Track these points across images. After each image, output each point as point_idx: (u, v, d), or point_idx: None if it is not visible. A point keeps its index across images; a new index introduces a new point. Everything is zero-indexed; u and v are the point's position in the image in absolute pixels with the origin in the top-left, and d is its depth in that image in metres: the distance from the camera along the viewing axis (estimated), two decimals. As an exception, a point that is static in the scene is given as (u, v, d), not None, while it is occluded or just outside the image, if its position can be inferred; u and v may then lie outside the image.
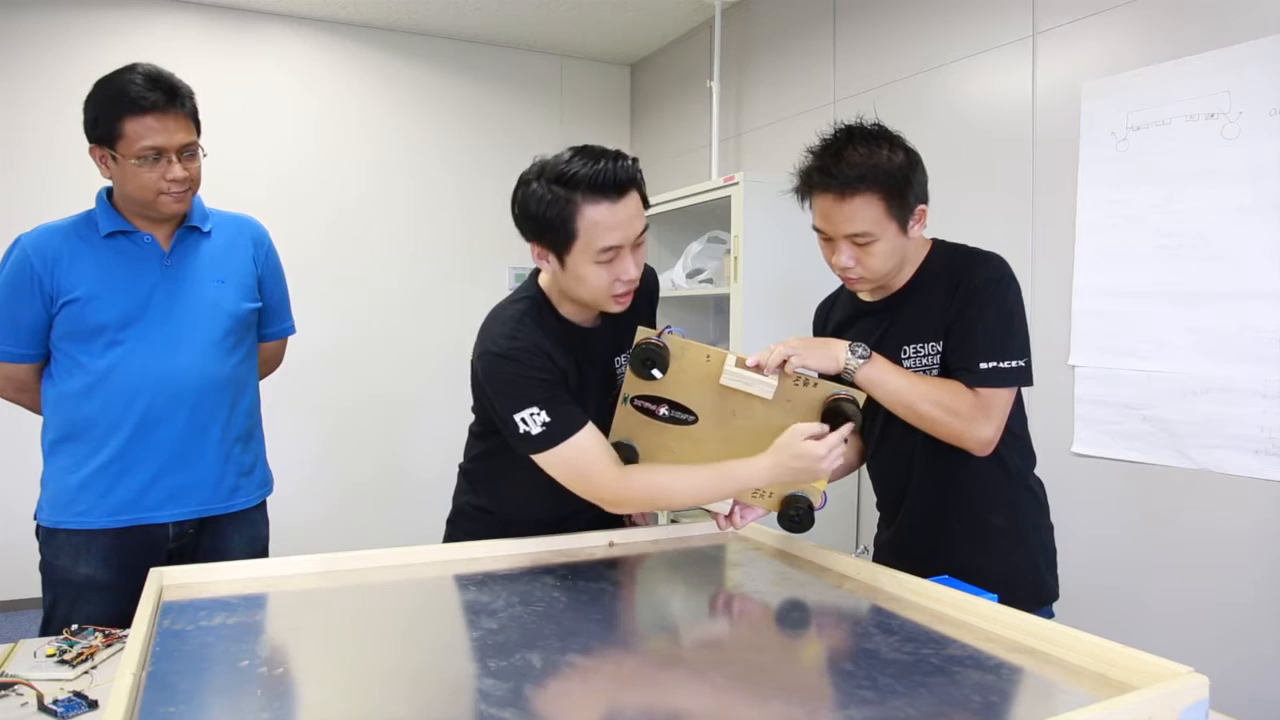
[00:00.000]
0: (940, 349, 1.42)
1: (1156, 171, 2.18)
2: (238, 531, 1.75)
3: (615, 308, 1.42)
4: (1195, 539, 2.12)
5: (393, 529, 4.26)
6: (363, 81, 4.30)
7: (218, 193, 2.09)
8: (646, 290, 1.60)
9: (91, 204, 1.66)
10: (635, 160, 1.36)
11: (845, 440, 1.34)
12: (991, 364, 1.36)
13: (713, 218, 3.39)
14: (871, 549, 1.66)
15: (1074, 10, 2.42)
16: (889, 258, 1.41)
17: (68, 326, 1.58)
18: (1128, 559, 2.26)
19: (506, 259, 4.58)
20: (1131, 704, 0.82)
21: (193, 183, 1.61)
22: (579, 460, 1.34)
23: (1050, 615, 1.45)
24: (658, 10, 4.10)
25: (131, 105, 1.49)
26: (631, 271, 1.37)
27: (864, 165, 1.35)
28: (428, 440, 4.42)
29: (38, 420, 1.72)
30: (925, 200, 1.43)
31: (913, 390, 1.36)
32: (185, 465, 1.65)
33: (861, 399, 1.33)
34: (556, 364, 1.38)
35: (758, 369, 1.33)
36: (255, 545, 1.79)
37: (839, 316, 1.62)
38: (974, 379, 1.37)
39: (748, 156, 3.88)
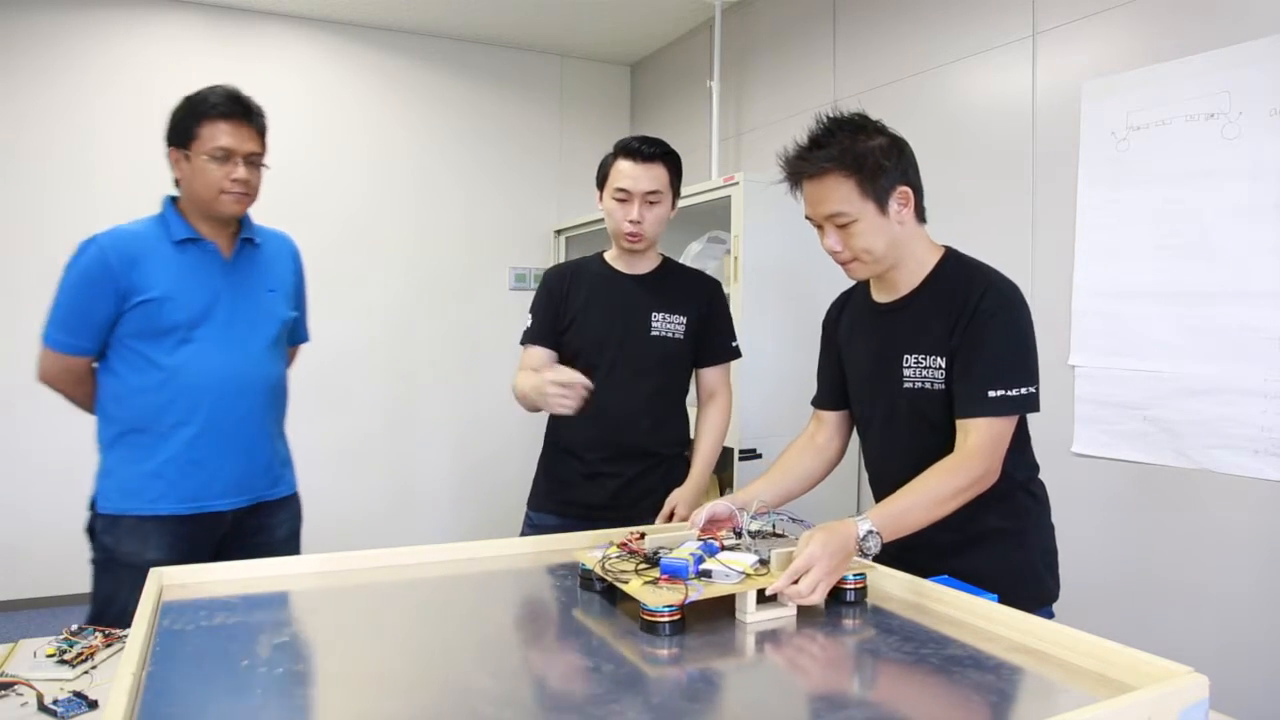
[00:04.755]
0: (943, 365, 1.42)
1: (1156, 171, 2.18)
2: (280, 515, 1.88)
3: (625, 244, 1.96)
4: (1195, 539, 2.12)
5: (396, 528, 4.26)
6: (363, 81, 4.30)
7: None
8: (708, 298, 2.06)
9: (91, 203, 1.69)
10: (675, 154, 1.96)
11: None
12: (1000, 392, 1.35)
13: (713, 218, 3.39)
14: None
15: (1074, 10, 2.42)
16: (873, 238, 1.41)
17: (140, 325, 1.69)
18: (1127, 559, 2.26)
19: (506, 258, 4.59)
20: (1131, 704, 0.81)
21: (252, 189, 1.76)
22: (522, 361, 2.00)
23: (1050, 616, 1.45)
24: (658, 10, 4.10)
25: (210, 110, 1.69)
26: (634, 214, 1.90)
27: (836, 148, 1.38)
28: (430, 440, 4.42)
29: (36, 422, 1.73)
30: (909, 185, 1.42)
31: (925, 511, 1.32)
32: (246, 456, 1.79)
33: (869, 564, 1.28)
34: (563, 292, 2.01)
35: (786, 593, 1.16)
36: (293, 527, 1.92)
37: (850, 317, 1.63)
38: (982, 408, 1.36)
39: (748, 156, 3.88)
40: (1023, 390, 1.37)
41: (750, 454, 2.97)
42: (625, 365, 1.96)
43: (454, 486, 4.46)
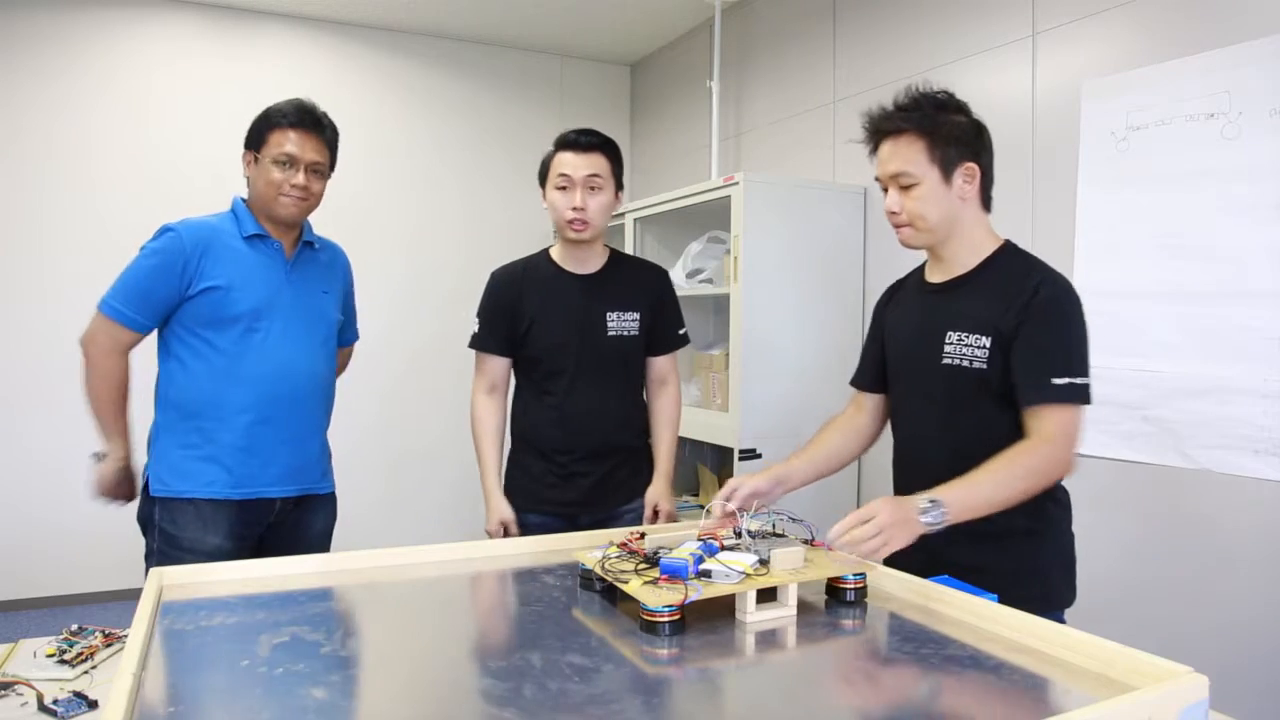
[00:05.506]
0: (986, 344, 1.42)
1: (1156, 171, 2.18)
2: (321, 510, 1.96)
3: (571, 234, 1.98)
4: (1195, 539, 2.12)
5: (395, 528, 4.26)
6: (362, 81, 4.30)
7: (220, 192, 2.10)
8: (657, 290, 2.09)
9: (90, 203, 1.69)
10: (614, 144, 2.00)
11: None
12: (1065, 380, 1.35)
13: (713, 218, 3.39)
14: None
15: (1074, 10, 2.42)
16: (931, 204, 1.44)
17: (207, 312, 1.78)
18: (1127, 559, 2.26)
19: (506, 258, 4.56)
20: (1131, 704, 0.81)
21: (312, 196, 1.86)
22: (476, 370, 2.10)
23: (1061, 621, 1.44)
24: (658, 10, 4.10)
25: (280, 119, 1.83)
26: (576, 201, 1.92)
27: (917, 112, 1.44)
28: (428, 439, 4.42)
29: (36, 422, 1.73)
30: (980, 165, 1.46)
31: (997, 491, 1.32)
32: (297, 447, 1.87)
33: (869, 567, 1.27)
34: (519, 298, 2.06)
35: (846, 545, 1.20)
36: (328, 524, 1.99)
37: (899, 300, 1.66)
38: (1049, 394, 1.35)
39: (748, 156, 3.88)
40: (1083, 380, 1.37)
41: (750, 454, 2.97)
42: (588, 369, 2.01)
43: (452, 486, 4.45)
